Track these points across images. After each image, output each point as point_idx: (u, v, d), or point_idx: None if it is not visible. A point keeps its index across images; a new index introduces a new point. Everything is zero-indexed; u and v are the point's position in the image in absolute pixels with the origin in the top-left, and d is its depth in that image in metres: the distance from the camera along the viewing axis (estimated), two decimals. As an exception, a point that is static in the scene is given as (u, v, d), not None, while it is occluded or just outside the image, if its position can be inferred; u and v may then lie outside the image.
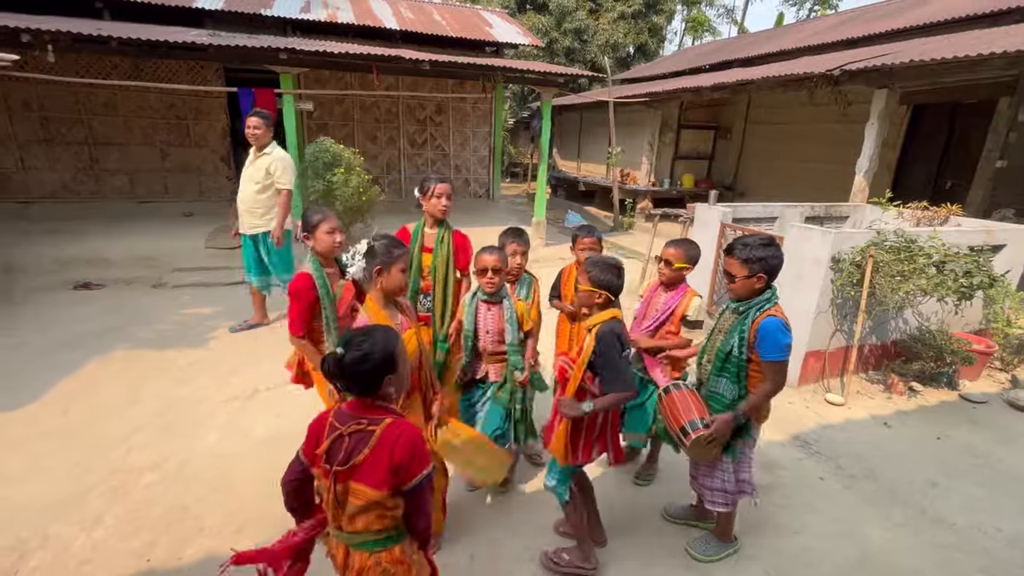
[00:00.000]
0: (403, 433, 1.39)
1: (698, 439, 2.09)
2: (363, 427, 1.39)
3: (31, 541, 2.35)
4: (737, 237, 2.22)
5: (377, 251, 1.98)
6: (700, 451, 2.17)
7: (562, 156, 15.70)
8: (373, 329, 1.48)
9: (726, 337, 2.18)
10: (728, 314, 2.24)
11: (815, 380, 4.22)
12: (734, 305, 2.19)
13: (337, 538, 1.50)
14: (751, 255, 2.06)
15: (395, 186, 10.45)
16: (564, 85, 8.43)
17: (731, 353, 2.15)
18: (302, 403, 3.57)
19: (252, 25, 8.70)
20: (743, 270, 2.08)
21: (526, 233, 2.86)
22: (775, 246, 2.10)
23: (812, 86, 6.86)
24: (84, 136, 8.34)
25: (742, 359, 2.13)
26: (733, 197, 11.27)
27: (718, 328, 2.28)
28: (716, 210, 5.11)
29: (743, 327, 2.11)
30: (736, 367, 2.15)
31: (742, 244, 2.10)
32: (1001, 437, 3.64)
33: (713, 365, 2.23)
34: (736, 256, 2.09)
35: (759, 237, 2.13)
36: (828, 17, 13.69)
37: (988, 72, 5.34)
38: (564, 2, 17.32)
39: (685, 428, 2.12)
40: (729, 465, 2.27)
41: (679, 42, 27.25)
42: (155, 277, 6.17)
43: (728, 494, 2.29)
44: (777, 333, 2.04)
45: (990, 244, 4.57)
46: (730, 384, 2.18)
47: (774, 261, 2.07)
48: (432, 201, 2.80)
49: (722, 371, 2.20)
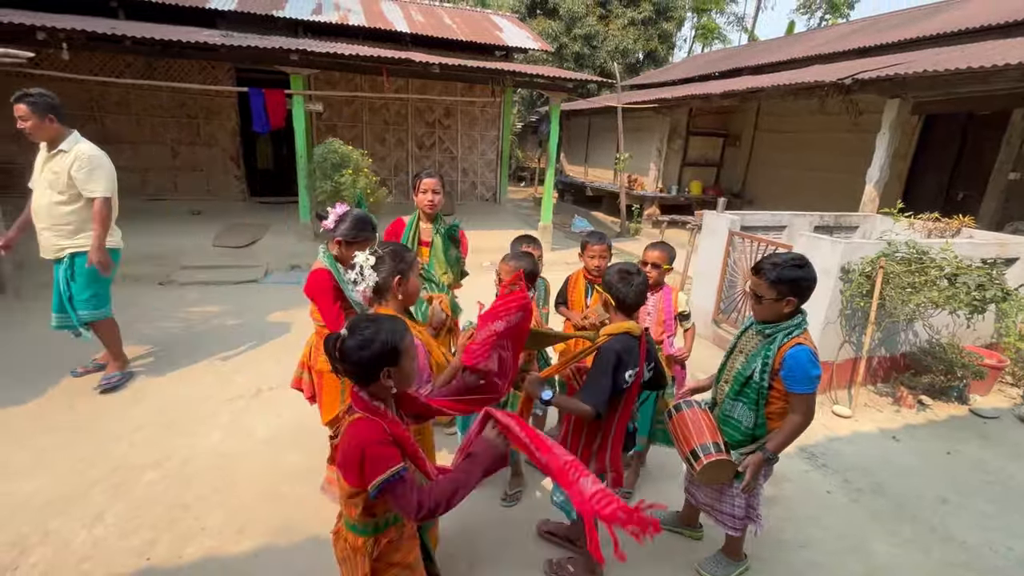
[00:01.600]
0: (358, 435, 1.35)
1: (709, 465, 1.98)
2: (343, 417, 1.42)
3: (32, 536, 2.35)
4: (767, 256, 2.06)
5: (389, 259, 1.83)
6: (711, 477, 2.06)
7: (570, 161, 15.71)
8: (382, 318, 1.44)
9: (748, 360, 2.05)
10: (752, 334, 2.09)
11: (823, 391, 4.16)
12: (760, 327, 2.04)
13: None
14: (781, 276, 1.90)
15: (402, 188, 10.48)
16: (573, 90, 8.43)
17: (751, 378, 2.02)
18: (304, 404, 3.57)
19: (264, 26, 8.77)
20: (771, 292, 1.93)
21: (538, 239, 2.88)
22: (808, 267, 1.93)
23: (823, 95, 6.83)
24: (96, 133, 8.41)
25: (763, 385, 1.99)
26: (741, 205, 11.22)
27: (739, 348, 2.14)
28: (724, 217, 5.08)
29: (768, 352, 1.98)
30: (756, 393, 2.02)
31: (771, 264, 1.94)
32: (1012, 453, 3.57)
33: (730, 387, 2.10)
34: (765, 277, 1.93)
35: (791, 256, 1.98)
36: (839, 26, 13.64)
37: (1002, 83, 5.29)
38: (574, 7, 17.36)
39: (696, 452, 2.01)
40: (739, 490, 2.17)
41: (689, 49, 27.22)
42: (163, 274, 6.21)
43: (737, 519, 2.21)
44: (808, 365, 1.90)
45: (1003, 257, 4.51)
46: (747, 411, 2.06)
47: (805, 283, 1.91)
48: (419, 196, 2.84)
49: (739, 395, 2.07)
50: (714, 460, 1.99)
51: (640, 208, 11.16)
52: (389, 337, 1.37)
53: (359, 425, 1.37)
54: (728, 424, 2.13)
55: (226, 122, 9.10)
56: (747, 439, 2.08)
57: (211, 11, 8.52)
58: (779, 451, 2.02)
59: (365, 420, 1.37)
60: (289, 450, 3.03)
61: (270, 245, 7.21)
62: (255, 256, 6.93)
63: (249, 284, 6.20)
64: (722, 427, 2.14)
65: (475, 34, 10.40)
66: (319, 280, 2.30)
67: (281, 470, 2.89)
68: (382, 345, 1.36)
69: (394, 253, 1.85)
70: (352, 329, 1.37)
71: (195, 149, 9.08)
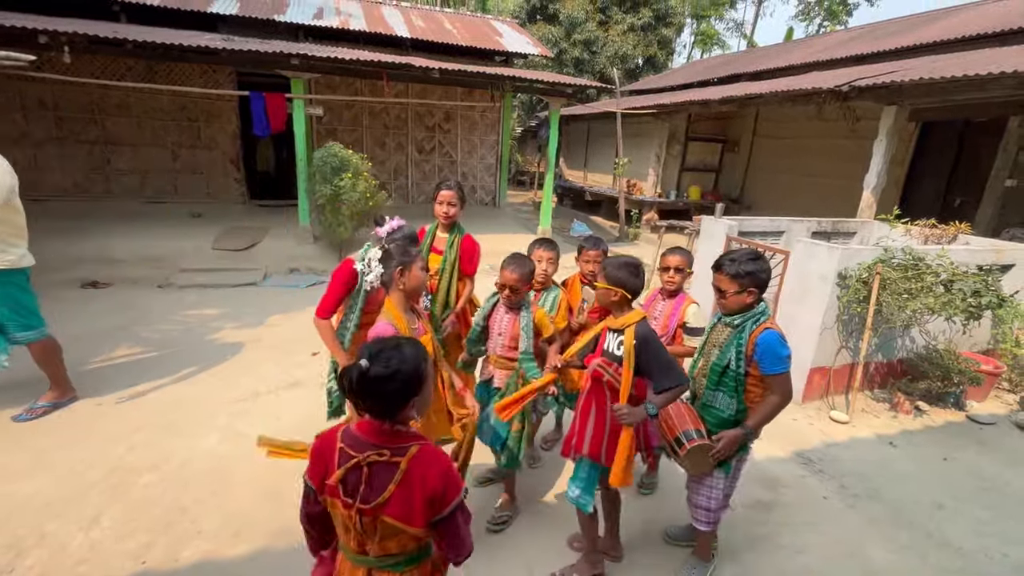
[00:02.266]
0: (433, 462, 1.27)
1: (693, 450, 2.06)
2: (386, 458, 1.25)
3: (28, 539, 2.35)
4: (724, 253, 2.21)
5: (394, 252, 2.02)
6: (695, 463, 2.12)
7: (569, 165, 15.76)
8: (402, 342, 1.32)
9: (722, 351, 2.15)
10: (721, 327, 2.21)
11: (820, 397, 4.18)
12: (728, 319, 2.16)
13: (356, 562, 1.35)
14: (740, 270, 2.04)
15: (402, 191, 10.51)
16: (572, 95, 8.50)
17: (728, 367, 2.12)
18: (302, 407, 3.58)
19: (265, 30, 8.82)
20: (733, 285, 2.06)
21: (555, 243, 2.87)
22: (763, 259, 2.09)
23: (821, 101, 6.88)
24: (97, 136, 8.44)
25: (740, 373, 2.10)
26: (740, 210, 11.26)
27: (711, 342, 2.25)
28: (722, 223, 5.10)
29: (740, 341, 2.09)
30: (734, 381, 2.12)
31: (730, 259, 2.09)
32: (1009, 460, 3.58)
33: (708, 379, 2.19)
34: (725, 272, 2.08)
35: (746, 251, 2.12)
36: (837, 33, 13.73)
37: (998, 91, 5.33)
38: (574, 13, 17.45)
39: (680, 439, 2.08)
40: (720, 481, 2.22)
41: (688, 55, 27.38)
42: (162, 277, 6.21)
43: (711, 512, 2.25)
44: (776, 346, 2.02)
45: (999, 263, 4.53)
46: (727, 398, 2.15)
47: (763, 275, 2.06)
48: (435, 207, 2.95)
49: (719, 385, 2.17)
50: (697, 445, 2.05)
51: (639, 213, 11.19)
52: (415, 364, 1.28)
53: (428, 453, 1.28)
54: (710, 412, 2.21)
55: (226, 125, 9.12)
56: (729, 424, 2.16)
57: (213, 15, 8.55)
58: (758, 428, 2.11)
59: (430, 447, 1.29)
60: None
61: (269, 248, 7.22)
62: (254, 259, 6.94)
63: (248, 287, 6.21)
64: (704, 416, 2.21)
65: (475, 39, 10.45)
66: (344, 268, 2.49)
67: (279, 473, 2.88)
68: (409, 374, 1.26)
69: (400, 247, 2.05)
70: (374, 358, 1.24)
71: (195, 152, 9.09)
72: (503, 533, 2.59)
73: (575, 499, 2.18)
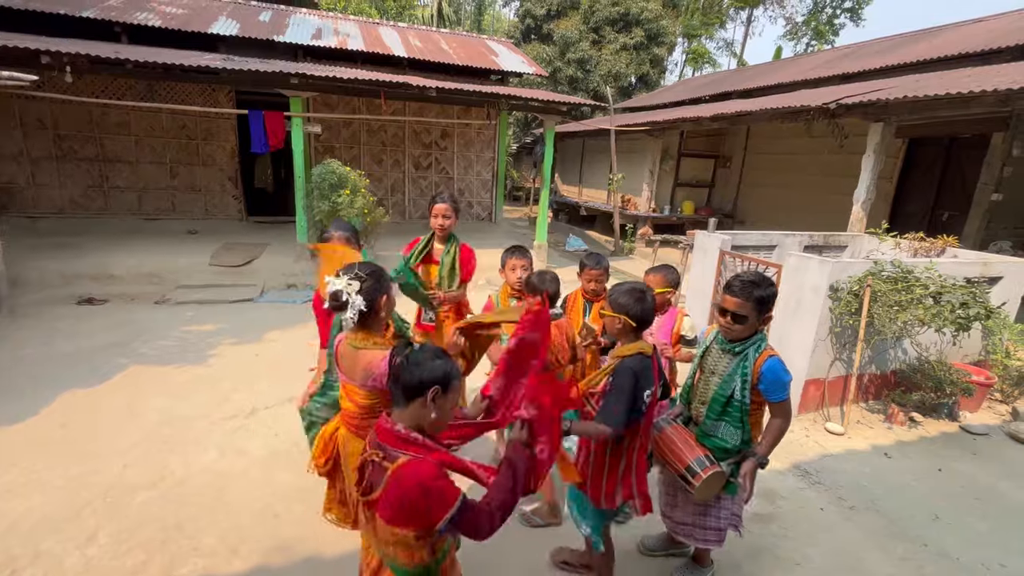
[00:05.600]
0: (410, 476, 1.28)
1: (708, 478, 2.00)
2: (379, 460, 1.32)
3: (22, 558, 2.33)
4: (736, 277, 2.07)
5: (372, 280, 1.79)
6: (706, 490, 2.07)
7: (564, 181, 15.92)
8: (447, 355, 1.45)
9: (724, 381, 2.07)
10: (719, 354, 2.12)
11: (815, 409, 4.20)
12: (728, 346, 2.07)
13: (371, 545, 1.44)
14: (765, 294, 1.96)
15: (399, 208, 10.59)
16: (567, 113, 8.63)
17: (732, 397, 2.04)
18: (300, 422, 3.56)
19: (265, 50, 8.96)
20: (755, 312, 1.97)
21: (528, 250, 2.95)
22: (774, 282, 2.07)
23: (809, 118, 7.03)
24: (95, 153, 8.50)
25: (745, 403, 2.03)
26: (733, 224, 11.39)
27: (709, 368, 2.15)
28: (716, 237, 5.18)
29: (745, 370, 2.01)
30: (739, 411, 2.05)
31: (751, 283, 1.98)
32: (1004, 471, 3.61)
33: (710, 409, 2.12)
34: (749, 297, 1.96)
35: (761, 276, 2.05)
36: (824, 52, 14.06)
37: (981, 108, 5.47)
38: (568, 33, 17.82)
39: (692, 467, 2.02)
40: (729, 502, 2.20)
41: (680, 73, 27.88)
42: (159, 293, 6.21)
43: (721, 531, 2.24)
44: (781, 373, 1.98)
45: (987, 276, 4.61)
46: (732, 429, 2.08)
47: (775, 298, 2.03)
48: (431, 220, 3.06)
49: (722, 415, 2.09)
50: (711, 473, 2.02)
51: (634, 227, 11.31)
52: (451, 366, 1.40)
53: (409, 468, 1.30)
54: (711, 441, 2.14)
55: (225, 143, 9.21)
56: (733, 453, 2.13)
57: (213, 36, 8.69)
58: (768, 454, 2.08)
59: (413, 462, 1.31)
60: (284, 469, 3.03)
61: (267, 264, 7.24)
62: (252, 275, 6.96)
63: (245, 303, 6.22)
64: (704, 444, 2.15)
65: (471, 58, 10.65)
66: (318, 300, 2.37)
67: (276, 489, 2.88)
68: (443, 368, 1.37)
69: (373, 274, 1.81)
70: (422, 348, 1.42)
71: (193, 169, 9.16)
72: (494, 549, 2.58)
73: (587, 537, 2.17)
